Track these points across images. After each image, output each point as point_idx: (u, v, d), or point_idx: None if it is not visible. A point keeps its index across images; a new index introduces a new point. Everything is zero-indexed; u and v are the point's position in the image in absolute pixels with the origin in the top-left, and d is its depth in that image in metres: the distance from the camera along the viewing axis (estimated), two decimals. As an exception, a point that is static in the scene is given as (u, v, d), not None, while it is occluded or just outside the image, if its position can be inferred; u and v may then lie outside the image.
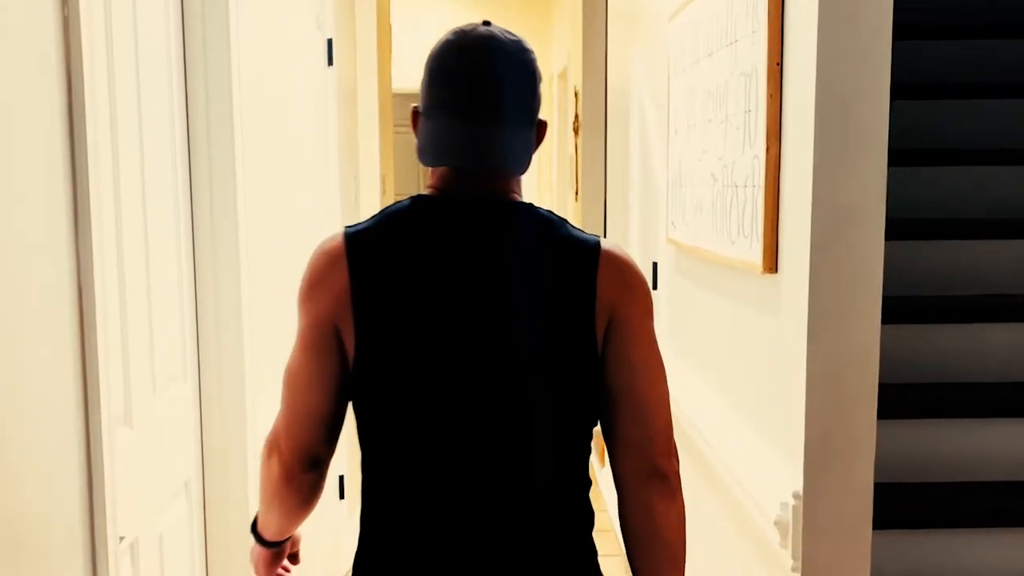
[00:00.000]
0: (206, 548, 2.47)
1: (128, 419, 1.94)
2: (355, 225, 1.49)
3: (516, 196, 1.51)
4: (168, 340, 2.19)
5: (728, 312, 2.51)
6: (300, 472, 1.52)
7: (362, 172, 5.36)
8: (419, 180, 10.61)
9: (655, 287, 3.57)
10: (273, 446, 1.54)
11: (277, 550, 1.71)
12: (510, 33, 1.49)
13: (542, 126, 1.54)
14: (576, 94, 6.65)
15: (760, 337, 2.21)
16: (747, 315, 2.33)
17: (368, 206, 5.52)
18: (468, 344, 1.42)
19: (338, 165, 3.97)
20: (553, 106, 8.70)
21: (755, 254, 2.14)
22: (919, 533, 2.37)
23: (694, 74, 2.76)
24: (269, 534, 1.66)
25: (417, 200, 1.49)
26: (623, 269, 1.48)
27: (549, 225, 1.49)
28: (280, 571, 1.76)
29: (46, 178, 1.47)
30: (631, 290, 1.48)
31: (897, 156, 2.64)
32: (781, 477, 2.03)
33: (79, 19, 1.52)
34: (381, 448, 1.49)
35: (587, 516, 1.55)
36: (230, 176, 2.35)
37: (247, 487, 2.48)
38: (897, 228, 2.71)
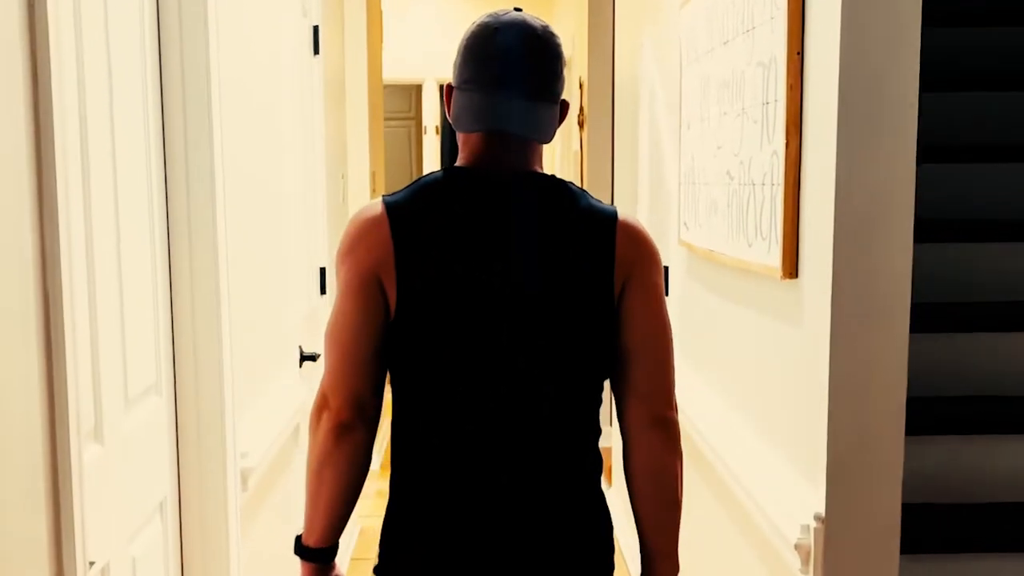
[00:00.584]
0: (182, 574, 2.46)
1: (98, 434, 1.94)
2: (391, 195, 1.75)
3: (539, 168, 1.81)
4: (142, 348, 2.19)
5: (745, 320, 2.51)
6: (350, 423, 1.73)
7: (351, 169, 5.36)
8: (412, 177, 10.64)
9: (667, 293, 3.57)
10: (321, 407, 1.75)
11: (323, 570, 1.83)
12: (538, 19, 1.77)
13: (565, 104, 1.81)
14: (581, 85, 6.65)
15: (779, 347, 2.21)
16: (765, 324, 2.32)
17: (357, 206, 5.52)
18: (499, 309, 1.69)
19: (324, 161, 3.97)
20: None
21: (774, 258, 2.14)
22: (950, 558, 2.37)
23: (708, 63, 2.76)
24: (315, 536, 1.80)
25: (449, 172, 1.76)
26: (638, 236, 1.76)
27: (571, 196, 1.76)
28: None
29: (9, 175, 1.46)
30: (645, 254, 1.76)
31: (927, 152, 2.64)
32: (802, 498, 2.02)
33: (45, 6, 1.52)
34: (413, 406, 1.75)
35: (597, 463, 1.82)
36: (208, 174, 2.35)
37: (227, 508, 2.47)
38: (926, 230, 2.70)
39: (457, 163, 1.79)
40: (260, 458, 2.71)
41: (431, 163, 9.72)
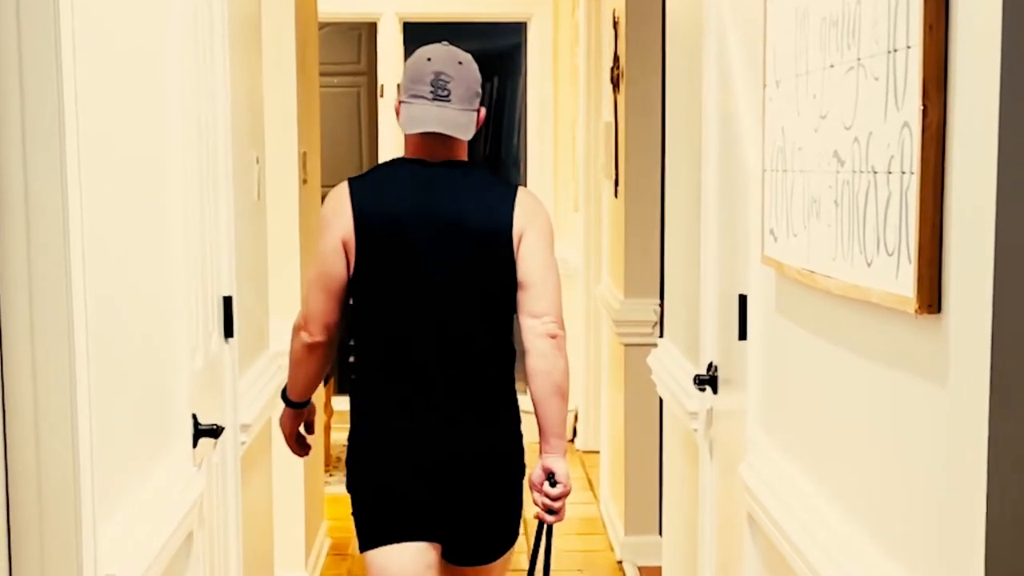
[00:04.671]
0: None
1: None
2: (356, 176, 3.85)
3: (463, 157, 3.84)
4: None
5: (860, 376, 2.51)
6: (319, 343, 3.81)
7: (271, 149, 5.35)
8: (362, 158, 10.62)
9: (743, 335, 3.57)
10: (299, 327, 3.83)
11: (299, 411, 4.08)
12: (460, 50, 3.79)
13: (480, 111, 3.81)
14: (616, 24, 6.67)
15: (911, 416, 2.21)
16: (890, 380, 2.32)
17: (279, 203, 5.51)
18: (432, 255, 3.67)
19: (230, 140, 3.96)
20: (579, 46, 8.72)
21: (904, 283, 2.14)
22: None
23: (806, -8, 2.77)
24: (295, 396, 4.03)
25: (399, 159, 3.84)
26: (531, 202, 3.81)
27: (485, 175, 3.95)
28: (300, 438, 4.16)
29: None
30: (536, 215, 3.77)
31: None
32: (949, 644, 2.01)
33: None
34: (370, 330, 3.79)
35: (509, 376, 3.88)
36: (56, 161, 2.35)
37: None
38: None
39: (405, 154, 3.86)
40: (133, 584, 2.70)
41: (390, 137, 9.71)
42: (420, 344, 3.72)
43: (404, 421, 3.76)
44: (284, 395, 4.08)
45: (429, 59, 3.74)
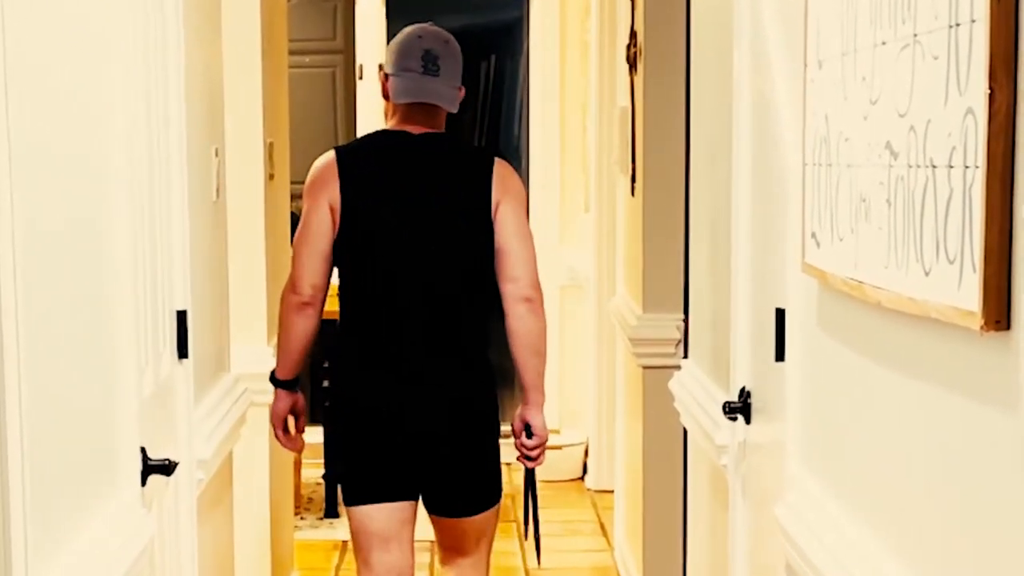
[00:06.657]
0: None
1: None
2: (342, 145, 5.07)
3: (442, 129, 4.85)
4: None
5: (917, 403, 2.51)
6: (308, 301, 4.67)
7: (232, 139, 5.35)
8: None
9: (780, 355, 3.56)
10: (289, 290, 4.71)
11: (290, 393, 4.88)
12: (444, 30, 4.83)
13: (462, 87, 4.85)
14: (632, -5, 6.68)
15: (977, 448, 2.20)
16: (952, 408, 2.32)
17: (243, 206, 5.51)
18: (413, 218, 4.64)
19: (185, 131, 3.96)
20: (589, 19, 8.72)
21: (968, 294, 2.13)
22: None
23: (853, -43, 2.77)
24: (286, 372, 4.84)
25: (384, 131, 4.92)
26: (507, 170, 4.82)
27: (463, 144, 6.54)
28: (292, 435, 4.98)
29: None
30: (511, 182, 4.79)
31: None
32: None
33: None
34: (354, 294, 4.75)
35: (484, 333, 4.83)
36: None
37: None
38: None
39: (387, 126, 4.81)
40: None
41: (371, 124, 9.69)
42: (403, 308, 4.63)
43: (385, 371, 4.65)
44: (273, 377, 4.88)
45: (420, 37, 4.73)
